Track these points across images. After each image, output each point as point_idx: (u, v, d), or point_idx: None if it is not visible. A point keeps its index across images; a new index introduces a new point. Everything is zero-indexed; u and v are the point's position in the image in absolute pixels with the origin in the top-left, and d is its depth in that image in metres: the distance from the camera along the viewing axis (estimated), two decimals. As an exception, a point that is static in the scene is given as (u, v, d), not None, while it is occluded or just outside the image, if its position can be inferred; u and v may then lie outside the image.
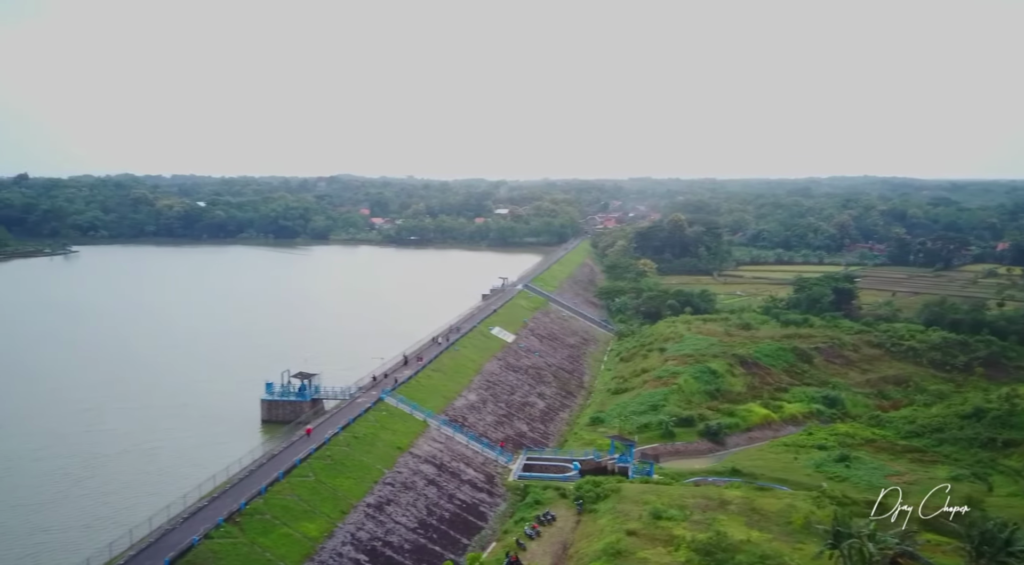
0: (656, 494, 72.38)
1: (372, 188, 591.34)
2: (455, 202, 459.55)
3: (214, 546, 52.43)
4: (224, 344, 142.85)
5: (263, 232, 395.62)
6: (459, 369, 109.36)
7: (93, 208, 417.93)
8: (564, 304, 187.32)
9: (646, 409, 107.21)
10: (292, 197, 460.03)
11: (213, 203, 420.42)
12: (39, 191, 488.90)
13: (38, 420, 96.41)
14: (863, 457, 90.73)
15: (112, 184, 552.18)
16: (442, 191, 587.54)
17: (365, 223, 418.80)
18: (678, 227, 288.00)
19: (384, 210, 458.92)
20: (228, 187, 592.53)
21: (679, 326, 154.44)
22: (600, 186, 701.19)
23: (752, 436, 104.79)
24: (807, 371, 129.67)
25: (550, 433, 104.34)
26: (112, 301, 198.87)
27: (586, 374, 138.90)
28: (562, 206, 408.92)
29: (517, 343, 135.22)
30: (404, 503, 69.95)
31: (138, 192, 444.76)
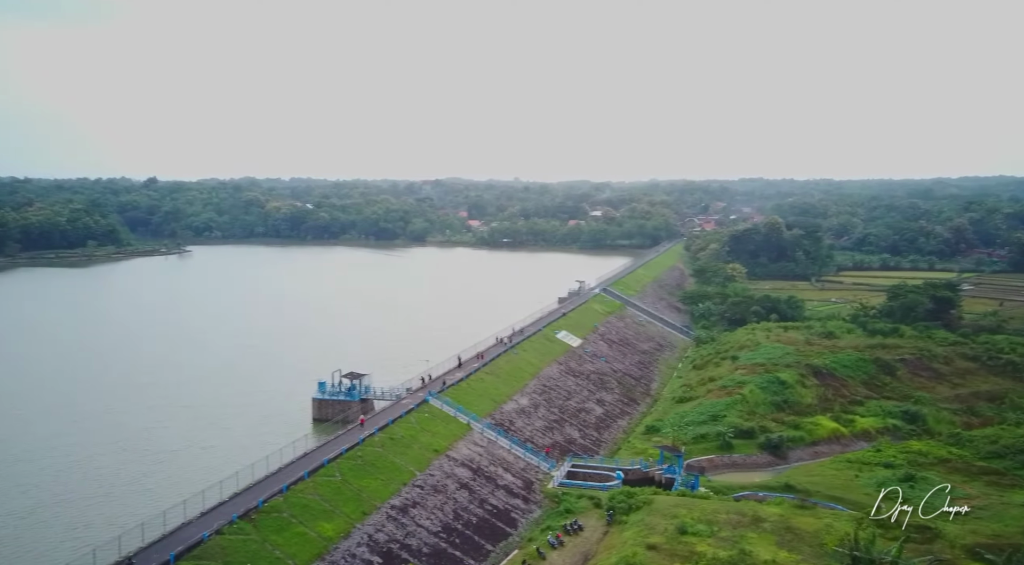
0: (688, 508, 69.99)
1: (475, 191, 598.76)
2: (551, 204, 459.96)
3: (224, 542, 53.90)
4: (303, 342, 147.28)
5: (364, 234, 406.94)
6: (515, 373, 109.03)
7: (208, 210, 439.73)
8: (643, 308, 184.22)
9: (706, 419, 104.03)
10: (394, 200, 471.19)
11: (319, 205, 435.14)
12: (165, 193, 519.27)
13: (109, 416, 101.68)
14: (932, 477, 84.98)
15: (231, 187, 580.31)
16: (541, 193, 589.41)
17: (462, 225, 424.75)
18: (775, 230, 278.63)
19: (481, 213, 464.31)
20: (338, 190, 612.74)
21: (758, 333, 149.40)
22: (706, 187, 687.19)
23: (817, 451, 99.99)
24: (888, 384, 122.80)
25: (604, 441, 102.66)
26: (205, 297, 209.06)
27: (655, 381, 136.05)
28: (657, 208, 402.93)
29: (583, 347, 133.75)
30: (431, 506, 70.16)
31: (250, 195, 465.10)
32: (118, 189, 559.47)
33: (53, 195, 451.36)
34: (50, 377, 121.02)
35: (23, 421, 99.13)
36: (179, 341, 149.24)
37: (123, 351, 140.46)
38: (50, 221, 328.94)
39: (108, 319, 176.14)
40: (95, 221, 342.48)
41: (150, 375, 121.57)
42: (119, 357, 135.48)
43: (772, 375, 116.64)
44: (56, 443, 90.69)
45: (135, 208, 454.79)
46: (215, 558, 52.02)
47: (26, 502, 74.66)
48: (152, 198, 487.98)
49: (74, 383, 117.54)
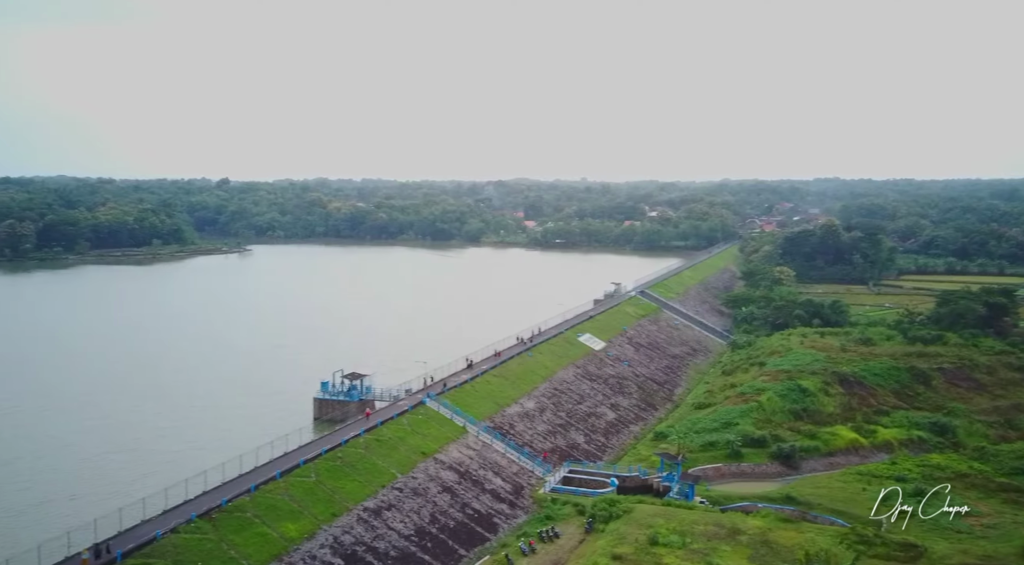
0: (668, 518, 68.25)
1: (535, 191, 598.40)
2: (608, 205, 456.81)
3: (177, 541, 54.53)
4: (329, 342, 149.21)
5: (422, 234, 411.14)
6: (525, 375, 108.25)
7: (273, 210, 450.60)
8: (682, 312, 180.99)
9: (718, 426, 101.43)
10: (453, 201, 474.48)
11: (378, 206, 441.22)
12: (234, 193, 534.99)
13: (118, 416, 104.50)
14: (944, 493, 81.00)
15: (299, 187, 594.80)
16: (602, 193, 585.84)
17: (517, 226, 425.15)
18: (831, 232, 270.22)
19: (538, 213, 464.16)
20: (402, 191, 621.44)
21: (792, 339, 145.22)
22: (775, 187, 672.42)
23: (833, 462, 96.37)
24: (921, 394, 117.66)
25: (611, 446, 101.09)
26: (248, 296, 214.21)
27: (681, 386, 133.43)
28: (716, 209, 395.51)
29: (606, 351, 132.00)
30: (407, 509, 70.04)
31: (313, 195, 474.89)
32: (191, 189, 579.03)
33: (130, 195, 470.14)
34: (56, 376, 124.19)
35: (29, 418, 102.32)
36: (207, 340, 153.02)
37: (145, 349, 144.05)
38: (118, 220, 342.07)
39: (141, 317, 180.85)
40: (161, 221, 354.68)
41: (170, 374, 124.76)
42: (138, 355, 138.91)
43: (794, 382, 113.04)
44: (50, 440, 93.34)
45: (204, 208, 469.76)
46: (165, 557, 52.74)
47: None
48: (221, 198, 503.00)
49: (85, 381, 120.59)
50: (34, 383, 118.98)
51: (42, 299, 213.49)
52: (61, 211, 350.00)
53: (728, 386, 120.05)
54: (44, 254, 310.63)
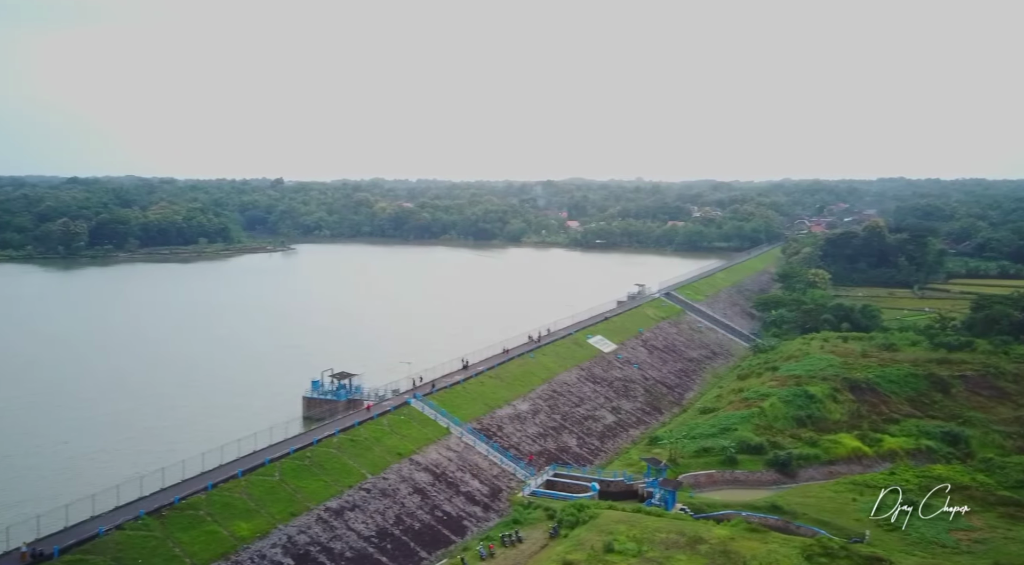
0: (631, 525, 66.70)
1: (586, 191, 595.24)
2: (652, 205, 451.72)
3: (120, 538, 55.10)
4: (342, 341, 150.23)
5: (464, 234, 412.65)
6: (522, 377, 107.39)
7: (320, 210, 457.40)
8: (708, 314, 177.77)
9: (716, 432, 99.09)
10: (498, 201, 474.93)
11: (422, 206, 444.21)
12: (286, 193, 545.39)
13: (113, 416, 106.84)
14: (938, 505, 77.77)
15: (351, 187, 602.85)
16: (652, 193, 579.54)
17: (560, 226, 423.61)
18: (875, 234, 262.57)
19: (581, 213, 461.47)
20: (451, 191, 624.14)
21: (813, 344, 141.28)
22: (833, 188, 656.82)
23: (833, 470, 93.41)
24: (938, 402, 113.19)
25: (605, 450, 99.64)
26: (275, 293, 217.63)
27: (693, 391, 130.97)
28: (761, 209, 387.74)
29: (616, 353, 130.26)
30: (371, 510, 69.95)
31: (361, 195, 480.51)
32: (246, 189, 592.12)
33: (186, 195, 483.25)
34: (60, 373, 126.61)
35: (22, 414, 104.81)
36: (222, 339, 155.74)
37: (155, 348, 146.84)
38: (167, 219, 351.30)
39: (161, 316, 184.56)
40: (208, 219, 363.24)
41: (174, 373, 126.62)
42: (147, 354, 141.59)
43: (801, 388, 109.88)
44: (28, 437, 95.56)
45: (255, 207, 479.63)
46: (105, 553, 53.38)
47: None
48: (272, 198, 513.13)
49: (87, 380, 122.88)
50: (36, 381, 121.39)
51: (72, 295, 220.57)
52: (115, 210, 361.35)
53: (737, 391, 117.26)
54: (95, 251, 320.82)
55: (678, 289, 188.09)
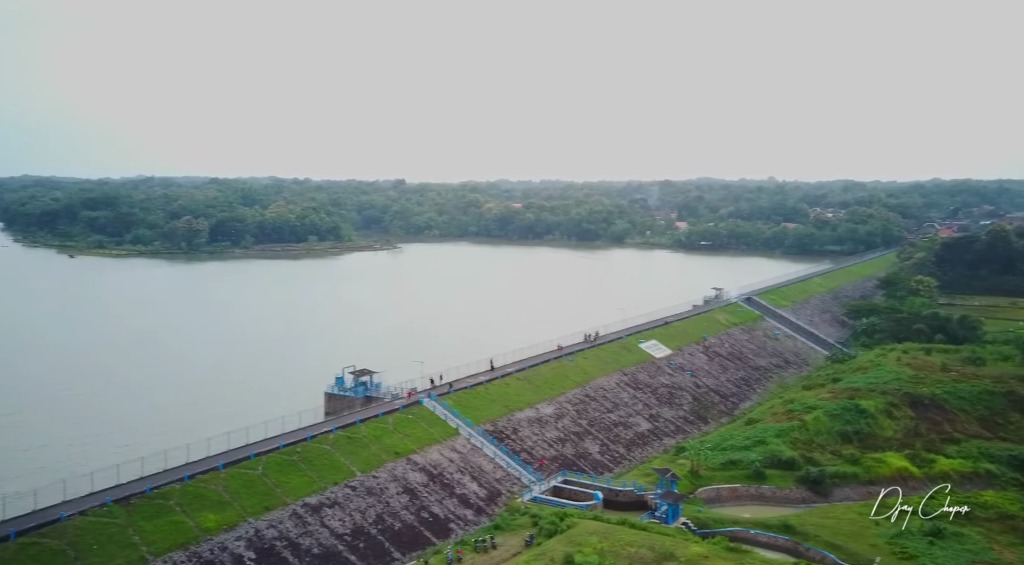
0: (604, 536, 63.91)
1: (700, 191, 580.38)
2: (767, 205, 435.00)
3: (81, 523, 57.01)
4: (400, 338, 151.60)
5: (567, 234, 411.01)
6: (553, 380, 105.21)
7: (432, 210, 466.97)
8: (790, 321, 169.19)
9: (749, 444, 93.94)
10: (606, 201, 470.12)
11: (527, 207, 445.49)
12: (405, 194, 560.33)
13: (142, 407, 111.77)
14: (971, 534, 70.98)
15: (468, 188, 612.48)
16: (776, 193, 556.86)
17: (667, 227, 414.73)
18: (1000, 238, 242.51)
19: (692, 214, 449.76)
20: (567, 191, 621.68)
21: (890, 355, 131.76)
22: (981, 188, 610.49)
23: (871, 491, 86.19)
24: (1014, 423, 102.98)
25: (630, 458, 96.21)
26: (360, 290, 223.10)
27: (751, 400, 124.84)
28: (881, 211, 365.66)
29: (669, 359, 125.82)
30: (352, 508, 70.09)
31: (471, 196, 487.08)
32: (368, 190, 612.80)
33: (309, 194, 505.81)
34: (115, 361, 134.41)
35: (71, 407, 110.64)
36: (281, 334, 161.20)
37: (208, 340, 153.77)
38: (282, 218, 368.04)
39: (232, 310, 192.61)
40: (320, 218, 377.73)
41: (220, 368, 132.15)
42: (199, 344, 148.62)
43: (852, 402, 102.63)
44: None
45: (372, 207, 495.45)
46: (62, 538, 55.47)
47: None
48: (389, 198, 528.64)
49: (137, 369, 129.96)
50: (91, 370, 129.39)
51: (175, 289, 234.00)
52: (237, 208, 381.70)
53: (788, 401, 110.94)
54: (213, 247, 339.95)
55: (761, 294, 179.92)
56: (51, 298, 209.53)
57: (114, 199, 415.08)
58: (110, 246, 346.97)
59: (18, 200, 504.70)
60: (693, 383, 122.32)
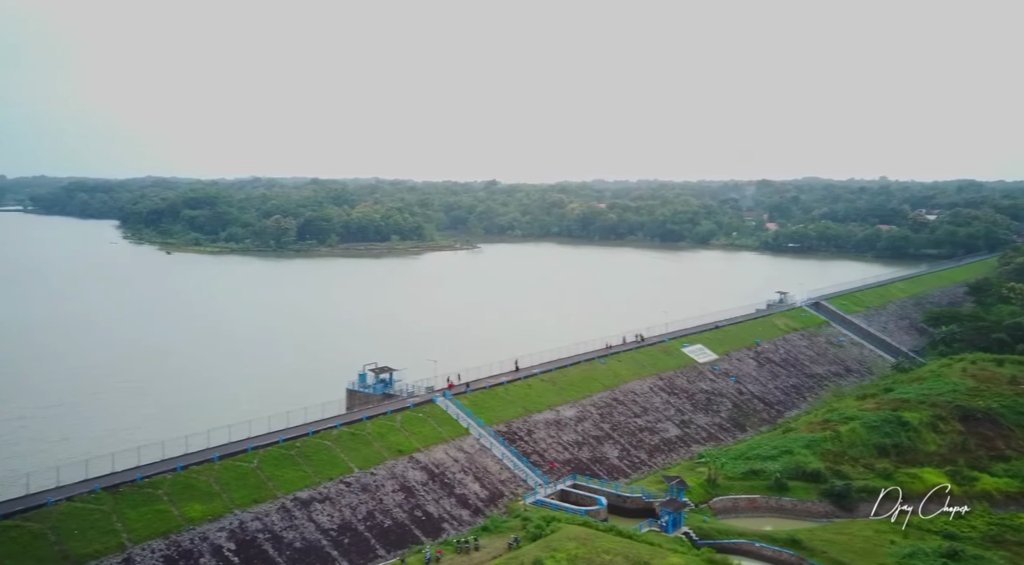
0: (581, 543, 62.26)
1: (807, 191, 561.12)
2: (864, 206, 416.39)
3: (68, 509, 59.17)
4: (441, 338, 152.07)
5: (651, 235, 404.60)
6: (580, 382, 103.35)
7: (515, 211, 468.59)
8: (860, 327, 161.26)
9: (776, 454, 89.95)
10: (694, 201, 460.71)
11: (610, 207, 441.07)
12: (494, 195, 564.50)
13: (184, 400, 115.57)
14: (993, 558, 65.95)
15: (558, 188, 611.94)
16: (880, 193, 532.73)
17: (757, 228, 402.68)
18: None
19: (784, 214, 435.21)
20: (659, 190, 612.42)
21: (955, 365, 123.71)
22: None
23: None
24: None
25: (652, 465, 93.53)
26: (419, 290, 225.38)
27: (798, 409, 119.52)
28: (987, 212, 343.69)
29: (712, 364, 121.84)
30: (343, 504, 70.62)
31: (554, 196, 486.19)
32: (458, 191, 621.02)
33: (398, 194, 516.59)
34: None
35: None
36: (322, 331, 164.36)
37: (258, 334, 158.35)
38: (367, 217, 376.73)
39: (316, 304, 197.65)
40: (404, 219, 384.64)
41: (260, 362, 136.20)
42: (246, 338, 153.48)
43: (894, 413, 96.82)
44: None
45: (459, 208, 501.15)
46: (45, 522, 57.73)
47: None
48: (477, 199, 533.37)
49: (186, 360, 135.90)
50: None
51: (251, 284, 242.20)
52: (326, 207, 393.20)
53: (829, 410, 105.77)
54: (300, 246, 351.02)
55: (830, 299, 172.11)
56: (136, 291, 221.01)
57: (214, 199, 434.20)
58: (205, 243, 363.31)
59: (131, 200, 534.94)
60: (736, 389, 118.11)
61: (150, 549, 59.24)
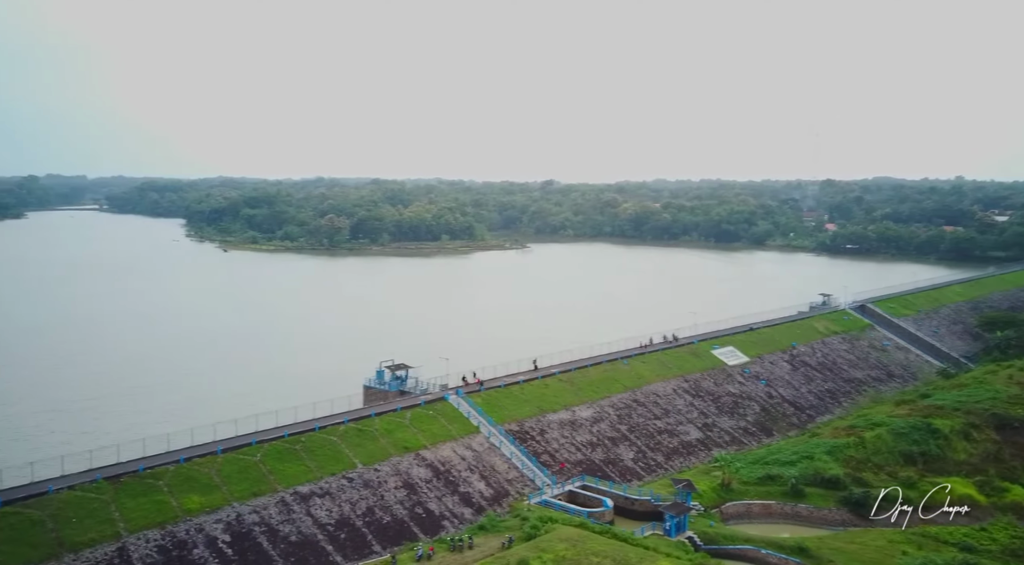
0: (572, 544, 61.36)
1: (874, 191, 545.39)
2: (931, 207, 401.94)
3: (68, 497, 60.51)
4: (470, 338, 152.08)
5: (705, 235, 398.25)
6: (600, 383, 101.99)
7: (568, 211, 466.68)
8: (907, 331, 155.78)
9: (795, 459, 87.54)
10: (753, 200, 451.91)
11: (664, 206, 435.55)
12: (549, 195, 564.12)
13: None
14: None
15: (616, 188, 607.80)
16: (951, 193, 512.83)
17: (816, 229, 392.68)
18: None
19: (845, 215, 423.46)
20: (719, 190, 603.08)
21: (1001, 372, 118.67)
22: None
23: (923, 518, 78.47)
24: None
25: (669, 467, 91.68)
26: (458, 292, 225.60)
27: (831, 414, 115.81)
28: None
29: (743, 367, 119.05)
30: (343, 499, 70.90)
31: (608, 196, 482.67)
32: (513, 190, 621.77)
33: (457, 194, 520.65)
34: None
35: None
36: (352, 329, 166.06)
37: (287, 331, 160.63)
38: (418, 217, 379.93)
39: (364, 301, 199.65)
40: (455, 218, 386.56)
41: (285, 355, 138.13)
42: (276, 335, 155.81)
43: (924, 420, 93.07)
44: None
45: (513, 208, 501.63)
46: (44, 509, 59.10)
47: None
48: (531, 199, 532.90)
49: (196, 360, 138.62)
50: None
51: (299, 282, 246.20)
52: (380, 207, 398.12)
53: (859, 416, 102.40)
54: (352, 244, 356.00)
55: (878, 302, 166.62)
56: (189, 286, 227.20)
57: (272, 198, 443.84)
58: (262, 241, 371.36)
59: (196, 199, 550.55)
60: (766, 393, 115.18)
61: (145, 539, 60.33)
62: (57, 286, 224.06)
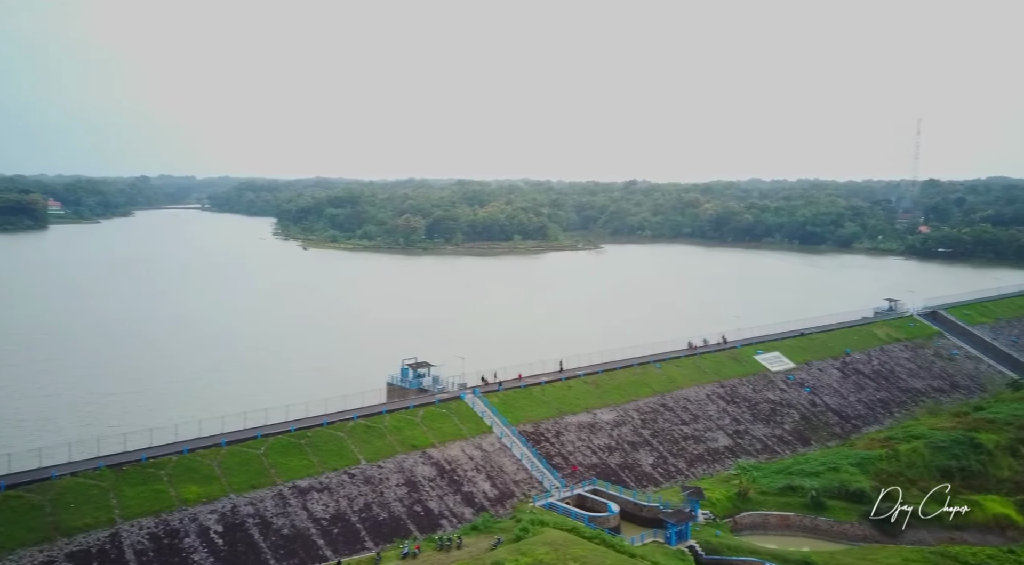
0: (554, 548, 59.96)
1: (963, 191, 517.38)
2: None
3: (69, 483, 62.78)
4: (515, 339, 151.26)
5: (789, 237, 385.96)
6: (627, 386, 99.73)
7: (646, 211, 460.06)
8: (980, 340, 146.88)
9: (821, 470, 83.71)
10: (842, 201, 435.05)
11: (748, 207, 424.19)
12: (632, 195, 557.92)
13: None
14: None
15: (701, 188, 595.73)
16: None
17: (907, 231, 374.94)
18: None
19: (943, 216, 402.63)
20: (810, 190, 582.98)
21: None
22: None
23: (955, 537, 73.94)
24: None
25: (690, 474, 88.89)
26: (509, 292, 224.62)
27: (881, 425, 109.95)
28: None
29: (787, 373, 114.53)
30: (341, 495, 71.43)
31: (690, 196, 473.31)
32: (595, 191, 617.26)
33: (536, 194, 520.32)
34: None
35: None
36: (395, 327, 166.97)
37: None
38: (492, 217, 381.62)
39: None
40: (528, 219, 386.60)
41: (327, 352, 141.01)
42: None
43: (967, 434, 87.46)
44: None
45: (591, 208, 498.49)
46: (45, 494, 61.47)
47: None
48: (611, 199, 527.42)
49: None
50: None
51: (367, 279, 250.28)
52: (456, 207, 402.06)
53: (903, 428, 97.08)
54: (427, 244, 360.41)
55: (951, 308, 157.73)
56: (259, 284, 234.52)
57: (356, 198, 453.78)
58: (341, 240, 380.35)
59: (287, 198, 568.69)
60: (809, 400, 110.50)
61: (138, 526, 62.16)
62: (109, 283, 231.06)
